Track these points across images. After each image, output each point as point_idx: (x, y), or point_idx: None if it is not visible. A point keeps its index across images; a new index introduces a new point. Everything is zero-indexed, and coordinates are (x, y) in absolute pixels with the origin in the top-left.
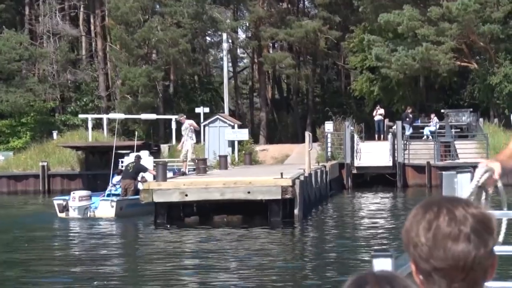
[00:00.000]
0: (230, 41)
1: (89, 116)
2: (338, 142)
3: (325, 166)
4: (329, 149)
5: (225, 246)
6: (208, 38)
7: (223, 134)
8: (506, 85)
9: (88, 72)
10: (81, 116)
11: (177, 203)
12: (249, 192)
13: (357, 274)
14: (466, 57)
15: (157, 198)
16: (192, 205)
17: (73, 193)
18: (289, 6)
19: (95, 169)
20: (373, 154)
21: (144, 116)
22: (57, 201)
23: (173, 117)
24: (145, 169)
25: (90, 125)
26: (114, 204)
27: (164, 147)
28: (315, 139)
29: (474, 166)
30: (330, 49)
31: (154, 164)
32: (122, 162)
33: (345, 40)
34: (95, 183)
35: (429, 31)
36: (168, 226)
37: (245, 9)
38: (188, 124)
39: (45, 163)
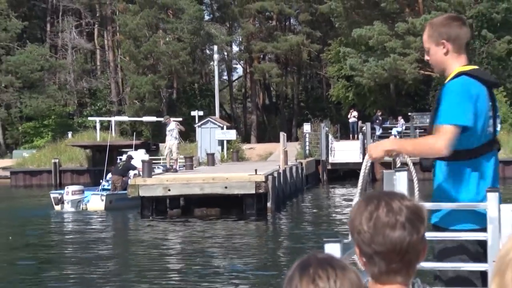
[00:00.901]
0: (225, 53)
1: (97, 119)
2: (315, 141)
3: (301, 163)
4: (307, 147)
5: (202, 236)
6: (208, 52)
7: (213, 134)
8: None
9: (101, 81)
10: (90, 118)
11: (161, 197)
12: (226, 187)
13: (302, 258)
14: (429, 66)
15: (142, 193)
16: (174, 199)
17: (67, 187)
18: (276, 23)
19: (101, 165)
20: (346, 151)
21: (145, 118)
22: (53, 194)
23: (173, 119)
24: (134, 168)
25: (98, 126)
26: (104, 198)
27: (162, 146)
28: (296, 139)
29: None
30: (312, 60)
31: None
32: (120, 159)
33: (324, 52)
34: (101, 177)
35: (396, 44)
36: (152, 218)
37: (238, 25)
38: (174, 125)
39: (56, 160)
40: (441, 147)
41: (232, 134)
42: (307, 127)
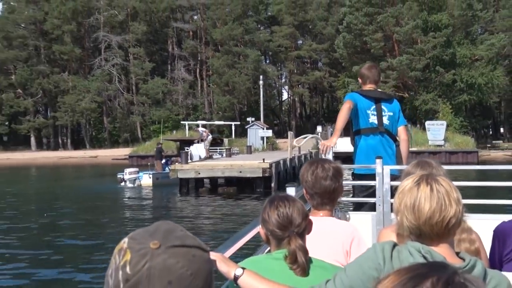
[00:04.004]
0: (276, 83)
1: (186, 123)
2: (325, 138)
3: (311, 152)
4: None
5: (223, 206)
6: (269, 82)
7: (257, 133)
8: (423, 106)
9: (199, 100)
10: (182, 122)
11: (194, 178)
12: (240, 172)
13: (270, 196)
14: (402, 90)
15: (180, 175)
16: (204, 180)
17: (126, 169)
18: (308, 64)
19: None
20: (345, 144)
21: (217, 122)
22: (118, 175)
23: (233, 123)
24: (161, 150)
25: (187, 127)
26: (151, 176)
27: (225, 140)
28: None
29: None
30: (330, 87)
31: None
32: (187, 149)
33: (336, 81)
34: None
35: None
36: (187, 194)
37: (283, 65)
38: (201, 131)
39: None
40: (344, 106)
41: (269, 133)
42: (319, 128)
